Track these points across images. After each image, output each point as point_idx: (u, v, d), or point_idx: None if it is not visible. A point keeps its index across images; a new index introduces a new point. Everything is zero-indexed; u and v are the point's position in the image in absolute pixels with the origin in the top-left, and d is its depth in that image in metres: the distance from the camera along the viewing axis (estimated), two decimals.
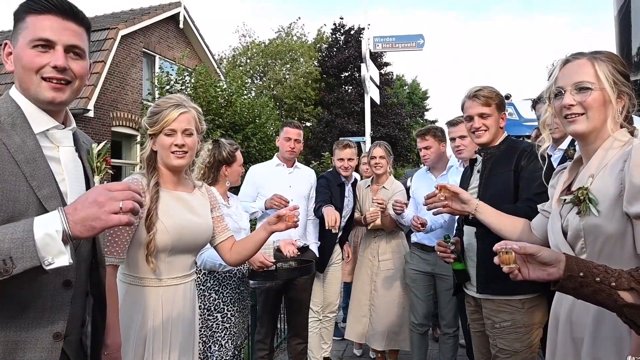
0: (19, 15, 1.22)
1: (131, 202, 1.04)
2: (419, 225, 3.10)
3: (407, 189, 3.85)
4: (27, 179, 1.14)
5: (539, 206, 1.77)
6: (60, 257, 1.00)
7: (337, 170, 3.79)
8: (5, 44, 1.24)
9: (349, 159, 3.71)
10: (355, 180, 4.12)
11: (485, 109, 2.27)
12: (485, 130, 2.27)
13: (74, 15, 1.24)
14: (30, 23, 1.20)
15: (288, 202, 3.15)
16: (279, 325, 4.02)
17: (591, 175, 1.39)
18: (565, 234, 1.43)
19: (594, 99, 1.41)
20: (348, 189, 3.83)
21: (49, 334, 1.15)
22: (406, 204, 3.31)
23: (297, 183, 3.51)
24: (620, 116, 1.42)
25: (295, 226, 1.94)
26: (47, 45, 1.19)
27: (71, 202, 1.08)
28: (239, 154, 2.84)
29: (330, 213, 3.08)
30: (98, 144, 1.38)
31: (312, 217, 3.63)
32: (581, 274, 1.11)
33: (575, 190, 1.39)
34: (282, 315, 3.94)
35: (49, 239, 0.99)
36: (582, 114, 1.43)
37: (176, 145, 1.79)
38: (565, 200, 1.42)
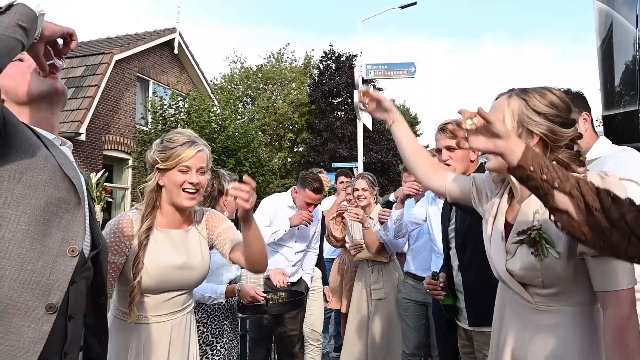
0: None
1: None
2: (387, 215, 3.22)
3: (390, 204, 3.92)
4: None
5: (473, 173, 1.67)
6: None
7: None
8: None
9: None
10: None
11: (453, 142, 2.28)
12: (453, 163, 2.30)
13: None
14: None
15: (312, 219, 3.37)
16: (270, 355, 3.95)
17: (537, 212, 1.34)
18: (510, 272, 1.37)
19: None
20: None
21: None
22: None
23: (305, 227, 3.51)
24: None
25: None
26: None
27: None
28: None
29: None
30: (96, 173, 1.37)
31: (311, 249, 3.68)
32: (531, 168, 1.09)
33: (527, 230, 1.33)
34: (273, 345, 3.87)
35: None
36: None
37: (190, 183, 1.76)
38: (521, 240, 1.34)
